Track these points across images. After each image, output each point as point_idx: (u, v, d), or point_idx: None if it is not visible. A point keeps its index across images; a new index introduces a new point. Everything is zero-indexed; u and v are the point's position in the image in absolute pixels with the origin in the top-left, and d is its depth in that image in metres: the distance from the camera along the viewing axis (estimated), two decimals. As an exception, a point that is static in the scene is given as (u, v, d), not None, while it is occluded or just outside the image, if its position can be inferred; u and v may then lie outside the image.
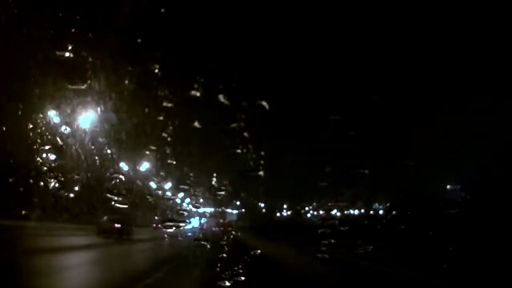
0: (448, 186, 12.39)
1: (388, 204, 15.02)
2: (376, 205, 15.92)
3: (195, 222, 16.86)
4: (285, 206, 21.15)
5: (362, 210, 16.19)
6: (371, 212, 15.92)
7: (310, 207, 17.17)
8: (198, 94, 7.16)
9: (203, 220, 17.87)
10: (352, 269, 10.90)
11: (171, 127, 7.97)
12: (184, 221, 10.16)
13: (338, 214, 14.95)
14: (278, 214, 21.81)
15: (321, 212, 15.31)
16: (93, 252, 12.71)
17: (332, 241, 9.54)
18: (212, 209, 16.99)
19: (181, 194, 12.36)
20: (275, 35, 9.51)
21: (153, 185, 12.63)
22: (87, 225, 13.46)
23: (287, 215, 21.42)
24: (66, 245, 12.17)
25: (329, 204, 13.94)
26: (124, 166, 10.72)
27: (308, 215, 17.27)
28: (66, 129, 7.68)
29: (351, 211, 15.84)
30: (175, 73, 7.75)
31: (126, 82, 7.72)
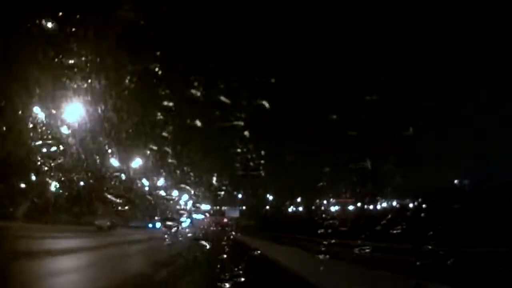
0: (455, 181, 12.32)
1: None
2: (382, 201, 15.51)
3: (185, 223, 16.53)
4: (298, 199, 19.33)
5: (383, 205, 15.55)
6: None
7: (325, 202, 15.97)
8: (198, 93, 7.16)
9: (199, 217, 17.22)
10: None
11: (171, 127, 7.98)
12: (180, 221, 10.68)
13: (371, 207, 14.64)
14: (290, 210, 19.99)
15: (336, 208, 14.80)
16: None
17: (333, 241, 9.52)
18: (212, 208, 16.51)
19: (182, 195, 12.28)
20: (275, 35, 9.51)
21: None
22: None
23: (299, 211, 19.46)
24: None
25: (333, 200, 13.81)
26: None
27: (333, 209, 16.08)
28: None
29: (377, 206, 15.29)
30: (175, 73, 7.74)
31: (126, 81, 7.72)
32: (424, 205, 13.78)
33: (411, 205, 14.41)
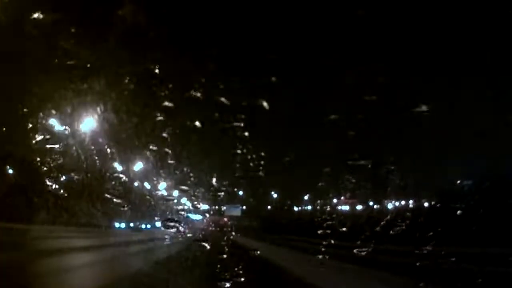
0: (458, 182, 12.23)
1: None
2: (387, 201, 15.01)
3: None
4: (306, 197, 17.23)
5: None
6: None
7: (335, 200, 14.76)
8: (198, 94, 7.17)
9: (197, 218, 16.35)
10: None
11: (170, 127, 7.98)
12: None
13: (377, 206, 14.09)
14: (296, 209, 18.08)
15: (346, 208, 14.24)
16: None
17: (332, 241, 9.49)
18: (211, 208, 15.88)
19: (176, 194, 12.12)
20: (275, 35, 9.49)
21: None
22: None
23: (306, 210, 17.46)
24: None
25: (340, 199, 13.56)
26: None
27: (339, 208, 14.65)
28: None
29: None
30: (175, 73, 7.74)
31: (126, 82, 7.72)
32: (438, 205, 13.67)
33: (426, 204, 14.20)
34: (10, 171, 10.05)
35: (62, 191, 9.03)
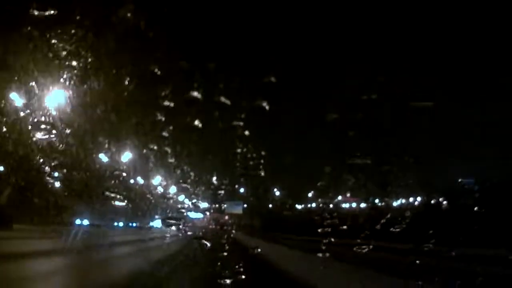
0: (460, 180, 12.22)
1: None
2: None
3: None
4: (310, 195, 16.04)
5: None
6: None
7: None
8: (198, 94, 7.16)
9: (198, 217, 15.86)
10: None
11: (171, 127, 7.99)
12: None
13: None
14: (299, 207, 17.29)
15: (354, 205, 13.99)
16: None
17: (332, 239, 9.49)
18: (211, 206, 15.53)
19: (174, 190, 12.05)
20: (275, 34, 9.49)
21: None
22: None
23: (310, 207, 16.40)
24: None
25: (345, 196, 13.44)
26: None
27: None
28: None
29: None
30: (175, 73, 7.74)
31: (126, 82, 7.71)
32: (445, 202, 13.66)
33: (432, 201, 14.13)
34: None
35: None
